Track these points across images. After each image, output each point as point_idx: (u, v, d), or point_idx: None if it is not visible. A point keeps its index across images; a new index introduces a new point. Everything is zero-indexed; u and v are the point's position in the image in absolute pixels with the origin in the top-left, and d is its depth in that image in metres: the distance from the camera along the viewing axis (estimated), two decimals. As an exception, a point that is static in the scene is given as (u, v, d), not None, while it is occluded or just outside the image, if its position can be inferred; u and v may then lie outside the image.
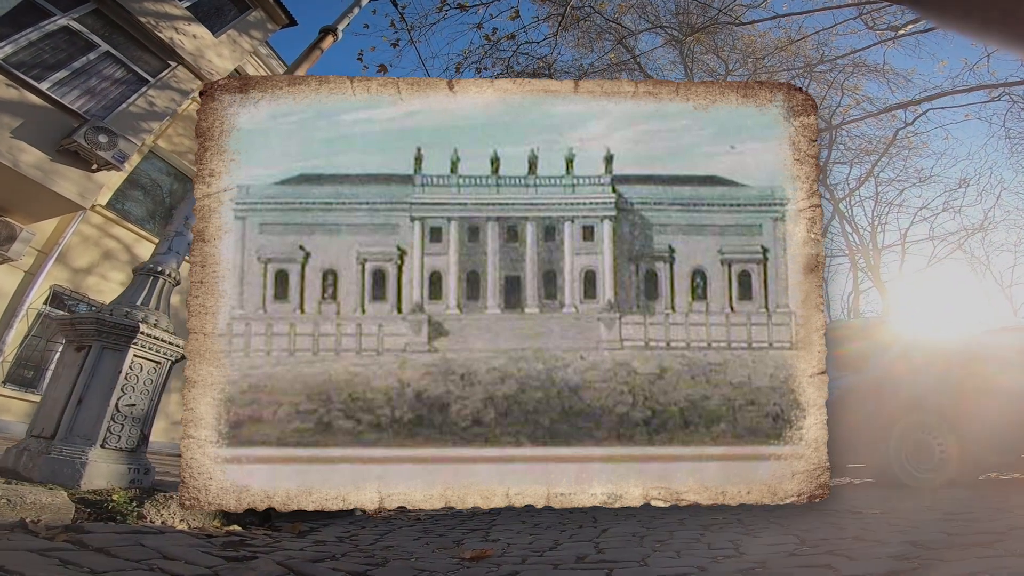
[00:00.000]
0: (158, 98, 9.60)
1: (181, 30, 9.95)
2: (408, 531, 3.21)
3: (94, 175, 8.32)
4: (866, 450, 5.53)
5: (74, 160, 8.14)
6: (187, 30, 10.08)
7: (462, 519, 3.91)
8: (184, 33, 10.00)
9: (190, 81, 10.14)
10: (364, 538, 2.83)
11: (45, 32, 8.23)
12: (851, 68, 12.09)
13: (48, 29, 8.26)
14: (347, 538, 2.78)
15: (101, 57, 8.93)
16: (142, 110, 9.39)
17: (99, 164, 8.26)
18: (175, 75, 9.95)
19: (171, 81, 9.87)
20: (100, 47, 8.88)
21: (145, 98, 9.43)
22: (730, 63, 13.39)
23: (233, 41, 10.93)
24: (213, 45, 10.53)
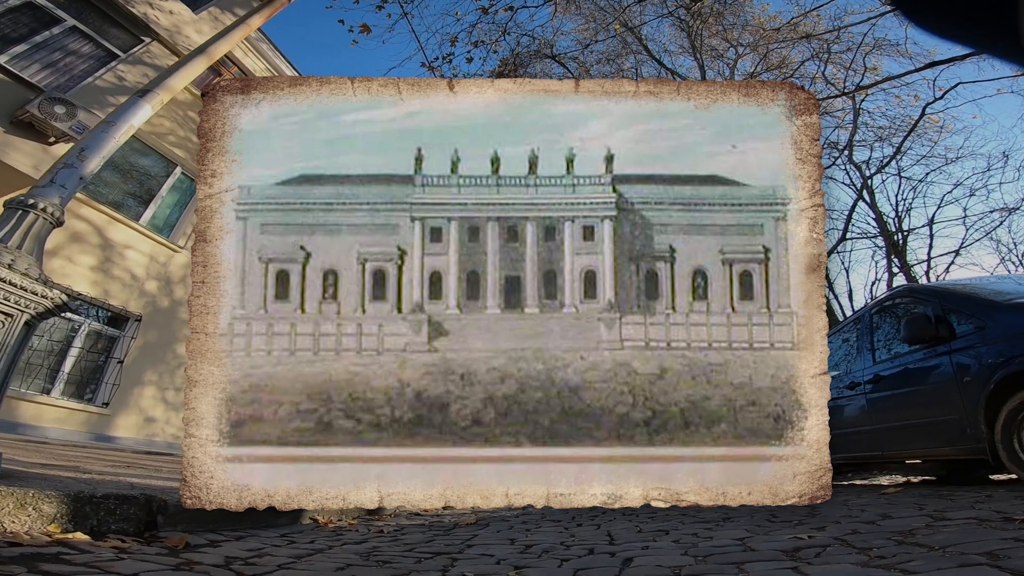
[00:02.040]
0: (129, 73, 9.21)
1: (156, 5, 9.72)
2: (343, 551, 2.27)
3: (51, 148, 7.92)
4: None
5: (29, 132, 7.79)
6: (163, 5, 9.83)
7: (435, 531, 3.00)
8: (160, 8, 9.77)
9: (166, 57, 9.75)
10: (266, 562, 1.90)
11: (8, 6, 7.95)
12: (869, 48, 11.54)
13: (11, 3, 7.98)
14: (242, 561, 1.88)
15: (67, 31, 8.64)
16: (110, 85, 8.97)
17: (56, 136, 7.94)
18: (149, 51, 9.70)
19: (144, 57, 9.58)
20: (66, 21, 8.61)
21: (114, 73, 9.06)
22: (739, 46, 13.03)
23: (215, 18, 10.58)
24: (192, 21, 10.32)
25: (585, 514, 3.71)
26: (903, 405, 5.02)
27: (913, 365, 4.91)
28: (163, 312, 10.34)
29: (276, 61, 12.40)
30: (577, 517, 3.57)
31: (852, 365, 5.99)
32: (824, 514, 3.03)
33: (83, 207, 8.95)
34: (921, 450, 4.97)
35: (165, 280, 10.40)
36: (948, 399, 4.36)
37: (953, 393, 4.31)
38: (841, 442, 5.37)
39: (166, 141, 10.26)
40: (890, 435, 5.17)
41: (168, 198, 10.52)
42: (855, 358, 5.98)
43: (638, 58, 13.72)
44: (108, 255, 9.39)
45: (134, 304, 9.81)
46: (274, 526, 2.85)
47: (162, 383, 10.30)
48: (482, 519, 3.61)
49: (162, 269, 10.35)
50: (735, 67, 12.96)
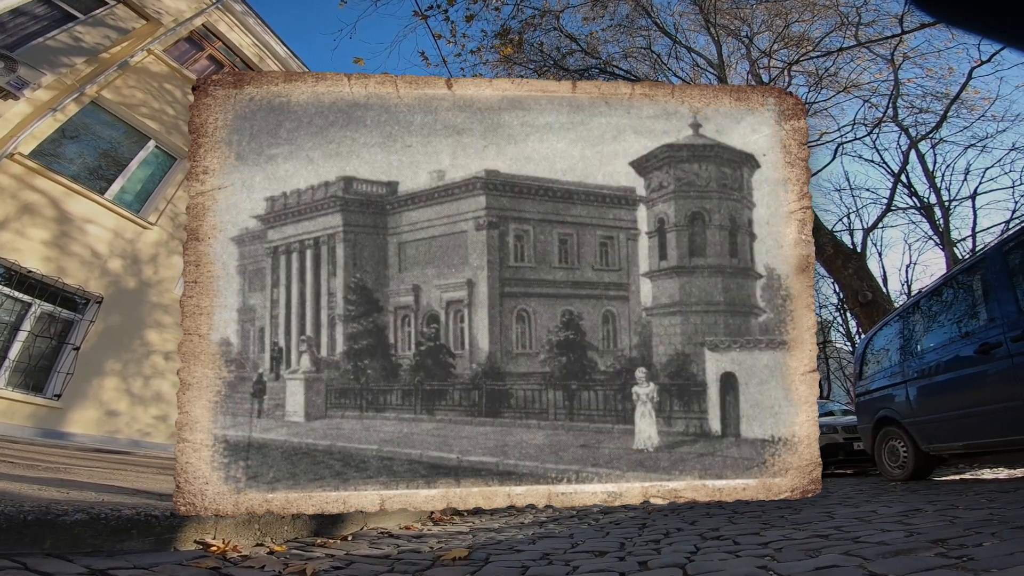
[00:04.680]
0: (87, 35, 8.59)
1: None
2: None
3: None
4: None
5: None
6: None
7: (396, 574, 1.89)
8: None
9: (132, 20, 9.19)
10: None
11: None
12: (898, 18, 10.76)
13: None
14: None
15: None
16: (64, 45, 8.38)
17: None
18: (113, 13, 9.15)
19: (107, 19, 9.01)
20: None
21: (70, 34, 8.45)
22: (754, 24, 12.40)
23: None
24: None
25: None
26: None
27: None
28: (129, 294, 9.26)
29: (265, 36, 11.72)
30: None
31: (972, 324, 4.69)
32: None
33: (37, 178, 8.12)
34: None
35: (132, 258, 9.35)
36: None
37: None
38: (970, 425, 4.60)
39: (138, 113, 9.52)
40: None
41: (139, 172, 9.71)
42: (980, 314, 4.65)
43: (650, 34, 13.18)
44: (65, 229, 8.43)
45: (94, 284, 8.75)
46: (121, 553, 1.80)
47: (127, 373, 9.11)
48: (478, 549, 2.50)
49: (129, 246, 9.31)
50: (751, 45, 12.54)
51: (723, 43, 12.79)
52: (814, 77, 12.40)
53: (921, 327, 5.82)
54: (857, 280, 11.04)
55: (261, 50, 11.83)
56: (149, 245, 9.62)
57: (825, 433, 8.57)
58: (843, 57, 11.84)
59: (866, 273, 11.41)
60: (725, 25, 12.50)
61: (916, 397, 5.56)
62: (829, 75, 12.24)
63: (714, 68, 12.96)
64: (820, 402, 11.98)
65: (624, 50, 13.33)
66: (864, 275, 11.26)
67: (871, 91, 12.47)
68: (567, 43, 12.16)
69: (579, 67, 12.28)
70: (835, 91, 12.61)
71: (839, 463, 8.86)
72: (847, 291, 11.48)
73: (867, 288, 10.90)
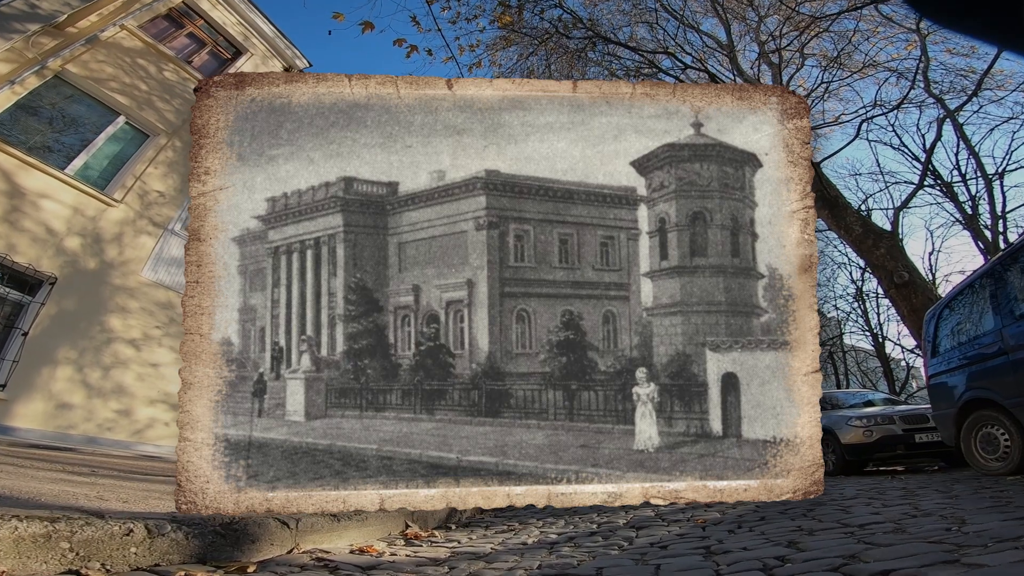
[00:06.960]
0: (45, 1, 8.12)
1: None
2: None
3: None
4: None
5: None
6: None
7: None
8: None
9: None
10: None
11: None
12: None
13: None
14: None
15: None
16: (19, 12, 7.95)
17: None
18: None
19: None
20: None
21: (26, 1, 8.00)
22: (761, 8, 12.10)
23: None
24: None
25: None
26: None
27: None
28: (87, 275, 8.43)
29: (250, 15, 11.24)
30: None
31: None
32: None
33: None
34: None
35: (93, 237, 8.58)
36: None
37: None
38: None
39: (107, 87, 9.04)
40: None
41: (106, 147, 9.14)
42: None
43: (658, 15, 13.04)
44: (16, 204, 7.78)
45: (47, 263, 7.98)
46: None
47: (83, 362, 8.19)
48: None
49: (89, 223, 8.57)
50: (759, 28, 12.38)
51: (732, 24, 12.60)
52: (828, 59, 12.08)
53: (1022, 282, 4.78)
54: (891, 260, 10.40)
55: (246, 28, 11.30)
56: (113, 223, 8.87)
57: (880, 424, 7.61)
58: (858, 37, 11.53)
59: (899, 252, 10.75)
60: (732, 9, 12.33)
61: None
62: (846, 53, 11.88)
63: (723, 48, 12.78)
64: (860, 392, 11.20)
65: (629, 15, 13.03)
66: (897, 255, 10.61)
67: (890, 71, 12.10)
68: (570, 17, 11.98)
69: (583, 38, 11.88)
70: (851, 71, 12.22)
71: (897, 458, 7.77)
72: (879, 272, 10.79)
73: (903, 268, 10.20)
